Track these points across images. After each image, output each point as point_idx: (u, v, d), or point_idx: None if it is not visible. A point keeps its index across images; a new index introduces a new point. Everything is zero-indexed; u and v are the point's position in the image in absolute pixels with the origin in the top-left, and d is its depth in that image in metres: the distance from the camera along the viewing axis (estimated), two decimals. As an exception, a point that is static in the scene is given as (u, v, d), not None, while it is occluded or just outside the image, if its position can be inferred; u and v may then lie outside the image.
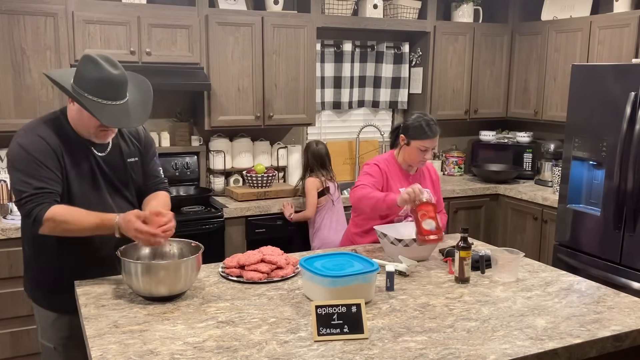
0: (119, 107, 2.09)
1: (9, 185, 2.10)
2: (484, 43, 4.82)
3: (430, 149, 2.85)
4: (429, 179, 3.04)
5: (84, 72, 2.06)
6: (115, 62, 2.11)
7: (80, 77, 2.07)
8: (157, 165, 2.48)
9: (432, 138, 2.83)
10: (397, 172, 2.93)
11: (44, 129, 2.16)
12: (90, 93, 2.05)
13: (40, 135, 2.14)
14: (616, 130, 3.38)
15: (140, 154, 2.38)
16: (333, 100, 4.67)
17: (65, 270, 2.26)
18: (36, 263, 2.30)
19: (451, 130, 5.24)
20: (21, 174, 2.10)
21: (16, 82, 3.41)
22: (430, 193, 2.68)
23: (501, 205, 4.65)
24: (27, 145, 2.11)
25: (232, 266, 2.38)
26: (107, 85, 2.05)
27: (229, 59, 3.94)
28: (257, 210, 3.89)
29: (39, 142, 2.12)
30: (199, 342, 1.79)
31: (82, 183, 2.21)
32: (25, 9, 3.38)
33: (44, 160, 2.10)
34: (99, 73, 2.04)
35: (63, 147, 2.16)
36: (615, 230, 3.44)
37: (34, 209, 2.07)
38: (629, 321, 1.99)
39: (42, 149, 2.11)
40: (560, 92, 4.44)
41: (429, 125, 2.83)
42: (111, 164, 2.28)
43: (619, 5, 4.13)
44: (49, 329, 2.33)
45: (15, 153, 2.13)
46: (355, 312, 1.86)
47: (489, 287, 2.31)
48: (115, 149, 2.30)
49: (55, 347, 2.33)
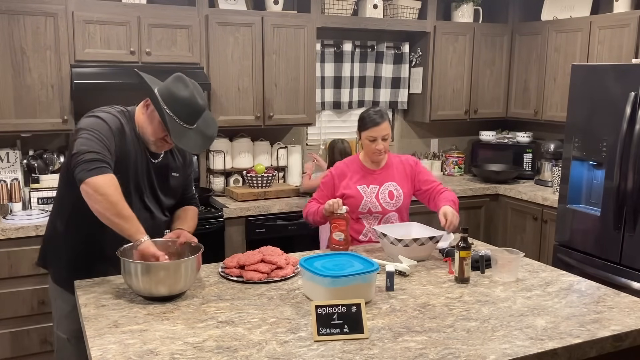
0: (189, 131, 2.23)
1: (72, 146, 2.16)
2: (484, 43, 4.82)
3: (379, 138, 2.82)
4: (400, 173, 2.96)
5: (174, 90, 2.19)
6: (200, 90, 2.26)
7: (168, 92, 2.19)
8: (191, 184, 2.65)
9: (375, 126, 2.81)
10: (357, 171, 2.94)
11: (120, 114, 2.28)
12: (172, 109, 2.18)
13: (119, 118, 2.26)
14: (616, 130, 3.38)
15: (182, 171, 2.51)
16: (333, 100, 4.68)
17: (93, 254, 2.31)
18: (68, 242, 2.33)
19: (451, 130, 5.24)
20: (92, 134, 2.14)
21: (16, 82, 3.41)
22: (347, 209, 2.71)
23: (501, 205, 4.66)
24: (106, 118, 2.21)
25: (232, 266, 2.39)
26: (189, 111, 2.20)
27: (229, 59, 3.94)
28: (257, 210, 3.89)
29: (116, 120, 2.24)
30: (199, 342, 1.79)
31: (128, 179, 2.26)
32: (25, 9, 3.38)
33: (114, 136, 2.20)
34: (187, 97, 2.19)
35: (127, 140, 2.25)
36: (615, 230, 3.44)
37: (99, 160, 2.09)
38: (629, 321, 1.99)
39: (117, 126, 2.22)
40: (560, 92, 4.44)
41: (375, 113, 2.85)
42: (159, 172, 2.39)
43: (619, 5, 4.13)
44: (64, 320, 2.37)
45: (92, 121, 2.20)
46: (355, 312, 1.86)
47: (489, 287, 2.31)
48: (165, 159, 2.42)
49: (68, 339, 2.37)
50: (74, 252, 2.33)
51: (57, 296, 2.40)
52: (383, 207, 2.90)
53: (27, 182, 3.65)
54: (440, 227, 2.69)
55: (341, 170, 2.97)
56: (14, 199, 3.50)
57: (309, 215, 2.93)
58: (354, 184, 2.90)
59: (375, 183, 2.91)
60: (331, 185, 2.95)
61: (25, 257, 3.27)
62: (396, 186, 2.92)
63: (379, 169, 2.95)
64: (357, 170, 2.95)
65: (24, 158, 3.66)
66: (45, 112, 3.49)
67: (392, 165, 2.98)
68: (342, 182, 2.93)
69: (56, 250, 2.38)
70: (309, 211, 2.92)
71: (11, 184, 3.50)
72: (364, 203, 2.87)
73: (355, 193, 2.88)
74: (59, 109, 3.51)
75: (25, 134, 3.59)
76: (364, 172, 2.94)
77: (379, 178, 2.93)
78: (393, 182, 2.93)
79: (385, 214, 2.91)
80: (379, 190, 2.91)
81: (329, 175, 2.99)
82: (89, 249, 2.31)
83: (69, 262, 2.35)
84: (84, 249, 2.31)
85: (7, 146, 3.64)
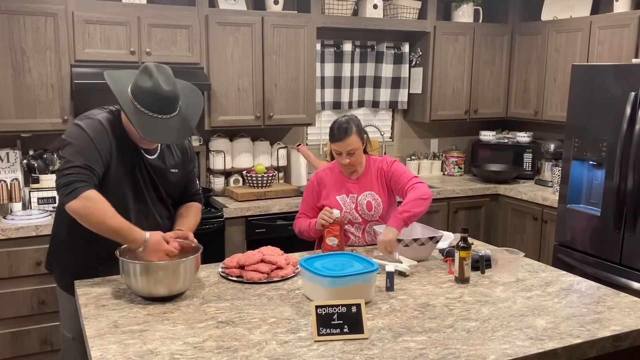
0: (165, 122, 2.16)
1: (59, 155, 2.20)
2: (484, 43, 4.82)
3: (343, 152, 2.72)
4: (377, 180, 2.86)
5: (139, 80, 2.15)
6: (169, 76, 2.18)
7: (135, 85, 2.15)
8: (194, 179, 2.59)
9: (339, 141, 2.71)
10: (336, 179, 2.87)
11: (106, 118, 2.25)
12: (141, 103, 2.13)
13: (101, 122, 2.23)
14: (616, 130, 3.38)
15: (181, 167, 2.47)
16: (333, 100, 4.67)
17: (99, 257, 2.30)
18: (71, 248, 2.35)
19: (451, 130, 5.24)
20: (74, 148, 2.16)
21: (16, 82, 3.40)
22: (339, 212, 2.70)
23: (501, 205, 4.65)
24: (87, 126, 2.20)
25: (232, 266, 2.39)
26: (156, 100, 2.14)
27: (229, 59, 3.94)
28: (257, 210, 3.89)
29: (99, 126, 2.21)
30: (199, 342, 1.79)
31: (124, 180, 2.27)
32: (25, 9, 3.38)
33: (98, 144, 2.18)
34: (150, 85, 2.13)
35: (117, 142, 2.24)
36: (615, 230, 3.44)
37: (75, 181, 2.11)
38: (629, 321, 1.99)
39: (100, 132, 2.20)
40: (560, 92, 4.44)
41: (338, 128, 2.72)
42: (157, 168, 2.36)
43: (619, 5, 4.13)
44: (69, 319, 2.39)
45: (75, 131, 2.21)
46: (355, 312, 1.86)
47: (489, 287, 2.31)
48: (162, 155, 2.39)
49: (74, 338, 2.38)
50: (77, 254, 2.35)
51: (62, 297, 2.43)
52: (363, 218, 2.84)
53: (27, 182, 3.65)
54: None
55: (321, 178, 2.89)
56: (14, 199, 3.50)
57: (302, 233, 2.87)
58: (333, 194, 2.84)
59: (354, 192, 2.84)
60: (313, 193, 2.89)
61: (25, 257, 3.27)
62: (374, 195, 2.83)
63: (355, 178, 2.87)
64: (337, 179, 2.87)
65: (24, 158, 3.66)
66: (45, 112, 3.48)
67: (369, 172, 2.87)
68: (322, 191, 2.87)
69: (60, 253, 2.41)
70: (302, 229, 2.85)
71: (11, 184, 3.50)
72: (343, 215, 2.79)
73: (335, 204, 2.81)
74: (59, 109, 3.51)
75: (25, 134, 3.59)
76: (343, 180, 2.86)
77: (356, 187, 2.85)
78: (371, 192, 2.83)
79: (366, 223, 2.86)
80: (357, 200, 2.82)
81: (310, 183, 2.92)
82: (91, 251, 2.31)
83: (72, 265, 2.37)
84: (87, 251, 2.32)
85: (7, 146, 3.64)
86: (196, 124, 2.32)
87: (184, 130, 2.24)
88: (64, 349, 2.51)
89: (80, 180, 2.11)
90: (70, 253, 2.36)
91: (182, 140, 2.33)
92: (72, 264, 2.37)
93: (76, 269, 2.35)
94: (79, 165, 2.12)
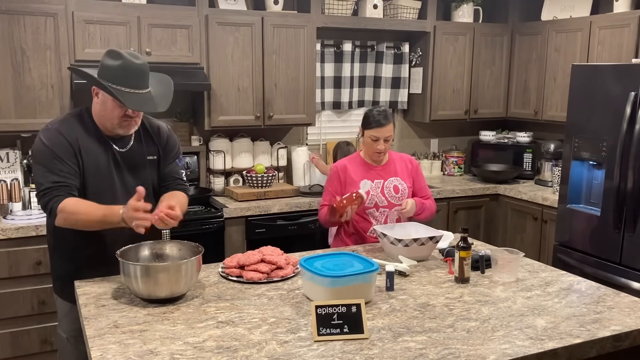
0: (142, 95, 2.19)
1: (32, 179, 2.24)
2: (484, 43, 4.82)
3: (381, 138, 2.84)
4: (403, 169, 3.00)
5: (107, 62, 2.16)
6: (137, 54, 2.23)
7: (103, 69, 2.17)
8: (178, 166, 2.53)
9: (379, 127, 2.83)
10: (360, 167, 2.95)
11: (64, 125, 2.26)
12: (114, 82, 2.14)
13: (60, 131, 2.24)
14: (616, 130, 3.38)
15: (159, 153, 2.44)
16: (333, 100, 4.67)
17: (80, 263, 2.34)
18: (56, 253, 2.41)
19: (451, 130, 5.24)
20: (41, 168, 2.21)
21: (16, 82, 3.40)
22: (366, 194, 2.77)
23: (501, 205, 4.65)
24: (47, 140, 2.22)
25: (232, 266, 2.39)
26: (129, 74, 2.15)
27: (229, 59, 3.94)
28: (257, 210, 3.89)
29: (58, 137, 2.22)
30: (199, 342, 1.79)
31: (98, 178, 2.28)
32: (25, 9, 3.38)
33: (62, 155, 2.20)
34: (121, 62, 2.14)
35: (82, 142, 2.25)
36: (615, 230, 3.44)
37: (49, 201, 2.18)
38: (629, 321, 1.99)
39: (60, 143, 2.22)
40: (560, 92, 4.44)
41: (379, 114, 2.86)
42: (130, 160, 2.35)
43: (619, 5, 4.13)
44: (64, 320, 2.43)
45: (37, 148, 2.24)
46: (355, 312, 1.86)
47: (489, 287, 2.31)
48: (135, 146, 2.37)
49: (68, 338, 2.42)
50: (61, 259, 2.40)
51: (55, 298, 2.48)
52: (389, 201, 2.90)
53: (27, 182, 3.65)
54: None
55: (344, 166, 2.97)
56: (14, 199, 3.51)
57: (327, 223, 2.94)
58: (359, 179, 2.90)
59: (379, 178, 2.93)
60: (337, 179, 2.94)
61: (25, 257, 3.27)
62: (400, 181, 2.95)
63: (380, 166, 2.96)
64: (360, 167, 2.95)
65: (24, 158, 3.66)
66: (45, 112, 3.48)
67: (393, 161, 3.00)
68: (347, 179, 2.92)
69: (51, 257, 2.47)
70: (326, 219, 2.89)
71: (11, 184, 3.50)
72: (370, 197, 2.86)
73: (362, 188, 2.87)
74: (59, 109, 3.51)
75: (25, 134, 3.58)
76: (368, 168, 2.95)
77: (382, 173, 2.94)
78: (397, 177, 2.95)
79: (392, 207, 2.91)
80: (383, 184, 2.92)
81: (333, 171, 2.99)
82: (76, 257, 2.35)
83: (58, 269, 2.43)
84: (71, 257, 2.37)
85: (7, 146, 3.64)
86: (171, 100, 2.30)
87: (162, 103, 2.25)
88: (59, 350, 2.55)
89: (53, 197, 2.18)
90: (54, 257, 2.43)
91: (162, 109, 2.25)
92: (59, 268, 2.43)
93: (62, 273, 2.40)
94: (48, 186, 2.18)
